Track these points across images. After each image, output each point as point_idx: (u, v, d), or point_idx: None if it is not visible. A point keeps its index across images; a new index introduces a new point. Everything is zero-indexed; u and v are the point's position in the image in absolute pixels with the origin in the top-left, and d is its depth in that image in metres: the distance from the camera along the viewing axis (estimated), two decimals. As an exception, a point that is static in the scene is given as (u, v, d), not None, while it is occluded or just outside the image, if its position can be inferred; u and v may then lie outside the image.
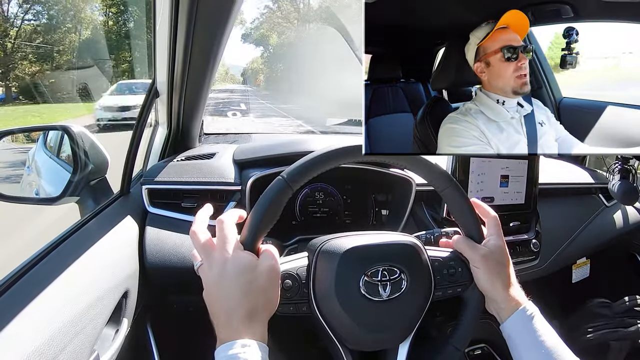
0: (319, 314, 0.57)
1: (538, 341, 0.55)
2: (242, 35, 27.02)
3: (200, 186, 0.92)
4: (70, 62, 16.25)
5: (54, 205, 0.88)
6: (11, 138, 0.97)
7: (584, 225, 1.22)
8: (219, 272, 0.51)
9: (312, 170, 0.56)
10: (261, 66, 29.92)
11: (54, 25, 17.04)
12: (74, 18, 17.33)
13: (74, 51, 16.59)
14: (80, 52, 16.64)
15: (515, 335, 0.58)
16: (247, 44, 27.44)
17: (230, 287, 0.50)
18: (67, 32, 16.94)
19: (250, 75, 32.11)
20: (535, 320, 0.57)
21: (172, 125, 1.08)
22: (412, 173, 0.96)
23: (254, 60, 31.17)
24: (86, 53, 16.76)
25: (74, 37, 16.97)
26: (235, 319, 0.48)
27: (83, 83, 13.37)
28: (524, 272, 1.06)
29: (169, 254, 0.84)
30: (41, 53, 16.31)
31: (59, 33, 16.79)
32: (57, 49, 16.54)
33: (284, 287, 0.56)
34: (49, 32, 16.74)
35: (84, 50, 16.81)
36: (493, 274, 0.60)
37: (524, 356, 0.56)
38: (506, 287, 0.60)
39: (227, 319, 0.49)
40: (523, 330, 0.57)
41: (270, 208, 0.54)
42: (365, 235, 0.62)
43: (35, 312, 0.52)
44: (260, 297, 0.51)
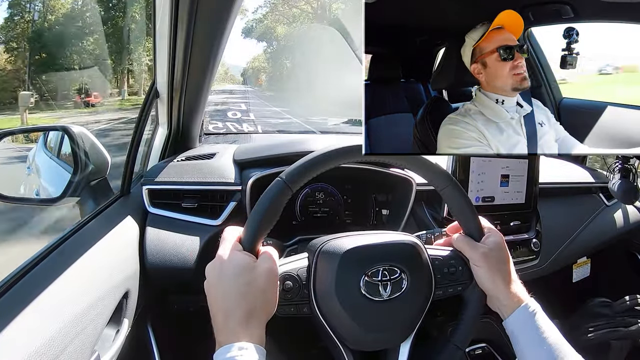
0: (319, 315, 0.57)
1: (541, 337, 0.55)
2: (242, 30, 25.95)
3: (200, 186, 0.92)
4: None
5: (54, 205, 0.88)
6: (11, 138, 0.97)
7: (584, 225, 1.22)
8: (218, 274, 0.52)
9: (311, 170, 0.56)
10: (263, 64, 28.89)
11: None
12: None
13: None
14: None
15: (518, 332, 0.58)
16: (249, 39, 26.27)
17: (228, 288, 0.50)
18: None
19: (251, 75, 31.09)
20: (538, 317, 0.58)
21: (172, 126, 1.08)
22: (412, 173, 0.96)
23: (255, 59, 30.19)
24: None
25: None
26: (233, 320, 0.49)
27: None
28: (525, 271, 1.06)
29: (169, 254, 0.84)
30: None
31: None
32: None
33: (284, 288, 0.56)
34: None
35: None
36: (494, 272, 0.61)
37: (526, 352, 0.57)
38: (507, 284, 0.61)
39: (224, 320, 0.49)
40: (525, 326, 0.58)
41: (270, 209, 0.54)
42: (365, 235, 0.62)
43: (36, 312, 0.52)
44: (258, 298, 0.51)
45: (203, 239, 0.86)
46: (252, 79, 31.04)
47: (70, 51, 16.39)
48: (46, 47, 16.11)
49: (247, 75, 32.30)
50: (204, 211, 0.91)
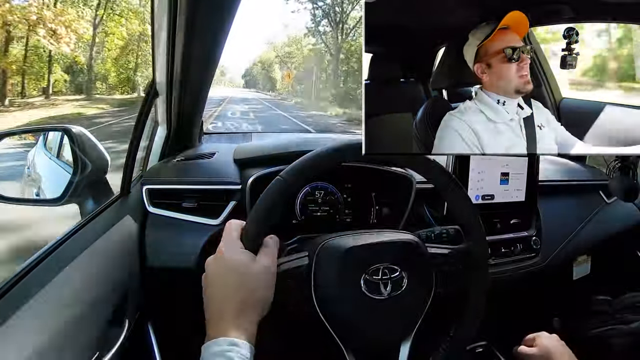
0: (320, 313, 0.58)
1: None
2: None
3: (200, 186, 0.92)
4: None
5: (54, 206, 0.88)
6: (11, 139, 0.97)
7: (584, 223, 1.22)
8: (215, 268, 0.53)
9: (311, 169, 0.56)
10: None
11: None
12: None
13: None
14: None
15: None
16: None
17: (223, 283, 0.51)
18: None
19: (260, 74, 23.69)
20: None
21: (172, 125, 1.08)
22: (412, 171, 0.96)
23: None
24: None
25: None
26: (225, 315, 0.49)
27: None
28: (525, 269, 1.06)
29: (169, 254, 0.84)
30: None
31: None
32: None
33: (284, 287, 0.56)
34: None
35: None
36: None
37: None
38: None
39: (217, 315, 0.50)
40: None
41: (269, 208, 0.54)
42: (365, 234, 0.62)
43: (36, 313, 0.52)
44: (251, 296, 0.51)
45: (203, 238, 0.86)
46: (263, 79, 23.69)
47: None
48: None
49: (253, 74, 25.69)
50: (204, 211, 0.91)
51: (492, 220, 1.03)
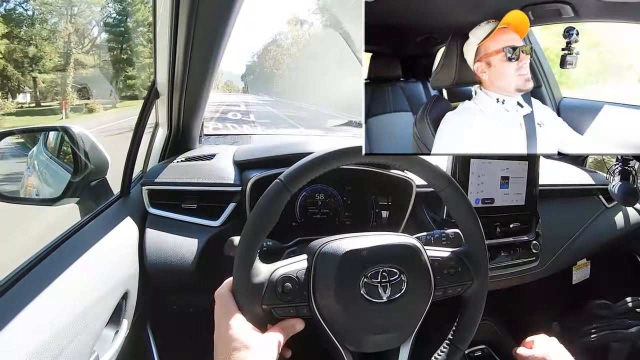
0: (319, 316, 0.57)
1: None
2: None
3: (200, 187, 0.92)
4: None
5: (54, 206, 0.88)
6: (11, 139, 0.97)
7: (584, 227, 1.22)
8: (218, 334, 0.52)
9: (311, 172, 0.56)
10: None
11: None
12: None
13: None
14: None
15: None
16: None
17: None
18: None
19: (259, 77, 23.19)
20: None
21: (172, 126, 1.08)
22: (412, 174, 0.96)
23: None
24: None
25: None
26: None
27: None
28: (524, 273, 1.06)
29: (169, 255, 0.83)
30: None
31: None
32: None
33: (284, 290, 0.56)
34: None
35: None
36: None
37: None
38: None
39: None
40: None
41: (268, 211, 0.54)
42: (365, 237, 0.61)
43: (35, 313, 0.52)
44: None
45: (203, 239, 0.86)
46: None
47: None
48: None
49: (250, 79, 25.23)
50: (204, 212, 0.91)
51: (492, 224, 1.03)
